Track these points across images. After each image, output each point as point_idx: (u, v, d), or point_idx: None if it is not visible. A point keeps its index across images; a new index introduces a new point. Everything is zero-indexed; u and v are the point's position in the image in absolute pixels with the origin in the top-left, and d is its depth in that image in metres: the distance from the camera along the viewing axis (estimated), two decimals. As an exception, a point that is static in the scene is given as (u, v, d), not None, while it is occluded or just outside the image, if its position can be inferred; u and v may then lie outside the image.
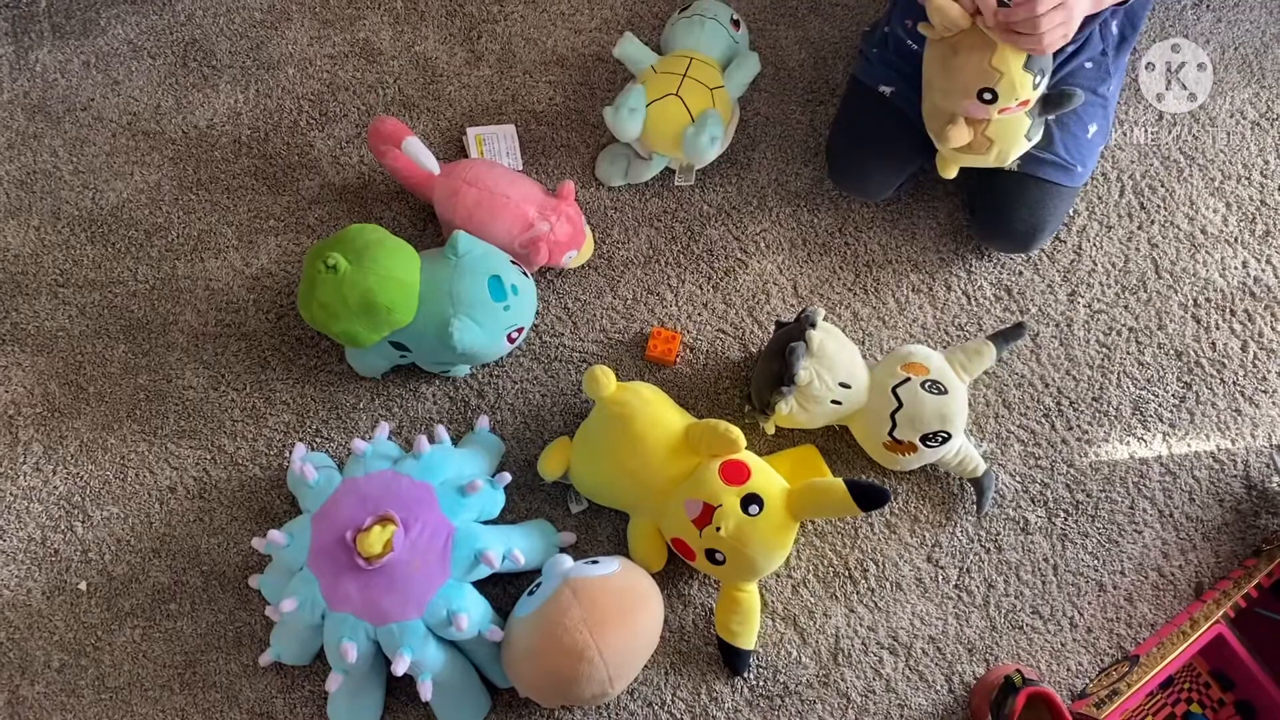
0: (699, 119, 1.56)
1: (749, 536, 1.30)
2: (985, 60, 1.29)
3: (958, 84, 1.33)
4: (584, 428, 1.44)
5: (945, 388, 1.40)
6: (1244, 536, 1.51)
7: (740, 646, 1.39)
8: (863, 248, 1.64)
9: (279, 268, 1.63)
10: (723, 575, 1.37)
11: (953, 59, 1.32)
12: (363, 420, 1.54)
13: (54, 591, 1.48)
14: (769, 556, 1.33)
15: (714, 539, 1.30)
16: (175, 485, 1.52)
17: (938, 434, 1.39)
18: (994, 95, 1.31)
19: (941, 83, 1.37)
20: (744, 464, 1.34)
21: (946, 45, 1.33)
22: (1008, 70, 1.28)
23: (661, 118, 1.56)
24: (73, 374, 1.58)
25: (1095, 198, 1.67)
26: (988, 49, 1.28)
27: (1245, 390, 1.57)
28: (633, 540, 1.43)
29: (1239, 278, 1.63)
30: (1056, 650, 1.46)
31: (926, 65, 1.39)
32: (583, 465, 1.42)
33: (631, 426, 1.36)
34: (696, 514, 1.31)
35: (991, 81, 1.30)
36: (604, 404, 1.39)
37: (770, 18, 1.77)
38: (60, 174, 1.68)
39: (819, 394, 1.39)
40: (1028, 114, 1.37)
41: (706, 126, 1.55)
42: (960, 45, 1.31)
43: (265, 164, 1.68)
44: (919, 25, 1.36)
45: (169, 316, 1.60)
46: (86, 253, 1.64)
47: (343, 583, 1.27)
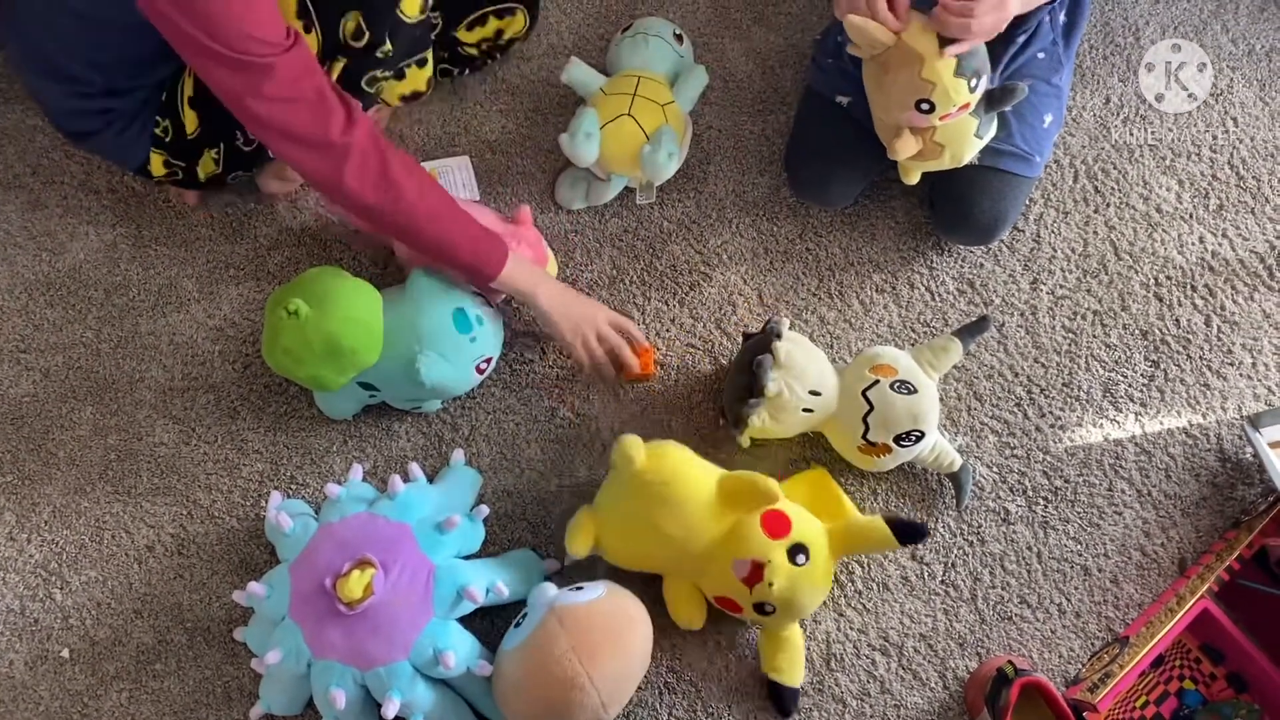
0: (654, 137, 1.56)
1: (800, 586, 1.30)
2: (915, 74, 1.30)
3: (894, 99, 1.35)
4: (610, 498, 1.36)
5: (915, 387, 1.40)
6: (1222, 509, 1.52)
7: (788, 684, 1.39)
8: (824, 252, 1.65)
9: (242, 316, 1.62)
10: (769, 623, 1.37)
11: (884, 77, 1.34)
12: (337, 464, 1.53)
13: (36, 661, 1.46)
14: (816, 599, 1.35)
15: (765, 594, 1.30)
16: (153, 544, 1.51)
17: (911, 433, 1.39)
18: (931, 105, 1.32)
19: (879, 99, 1.38)
20: (784, 514, 1.33)
21: (877, 64, 1.34)
22: (939, 80, 1.30)
23: (617, 139, 1.56)
24: (40, 439, 1.56)
25: (1050, 184, 1.68)
26: (916, 62, 1.29)
27: (1212, 364, 1.59)
28: (674, 603, 1.40)
29: (1197, 253, 1.65)
30: (1047, 638, 1.46)
31: (865, 83, 1.41)
32: (616, 539, 1.36)
33: (671, 495, 1.30)
34: (745, 573, 1.30)
35: (925, 93, 1.31)
36: (637, 476, 1.32)
37: (714, 30, 1.78)
38: (15, 239, 1.67)
39: (789, 404, 1.39)
40: (973, 114, 1.38)
41: (663, 143, 1.56)
42: (890, 62, 1.32)
43: (221, 213, 1.67)
44: (847, 48, 1.37)
45: (135, 374, 1.59)
46: (47, 316, 1.63)
47: (326, 630, 1.26)
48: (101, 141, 1.45)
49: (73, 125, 1.45)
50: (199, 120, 1.43)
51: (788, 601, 1.31)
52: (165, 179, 1.52)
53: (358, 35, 1.30)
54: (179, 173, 1.50)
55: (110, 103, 1.41)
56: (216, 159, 1.49)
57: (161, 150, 1.46)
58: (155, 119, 1.44)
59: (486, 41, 1.63)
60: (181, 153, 1.47)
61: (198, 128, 1.44)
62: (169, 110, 1.44)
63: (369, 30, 1.30)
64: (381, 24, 1.32)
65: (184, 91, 1.42)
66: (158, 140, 1.45)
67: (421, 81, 1.49)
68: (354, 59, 1.35)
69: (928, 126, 1.38)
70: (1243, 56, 1.77)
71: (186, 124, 1.44)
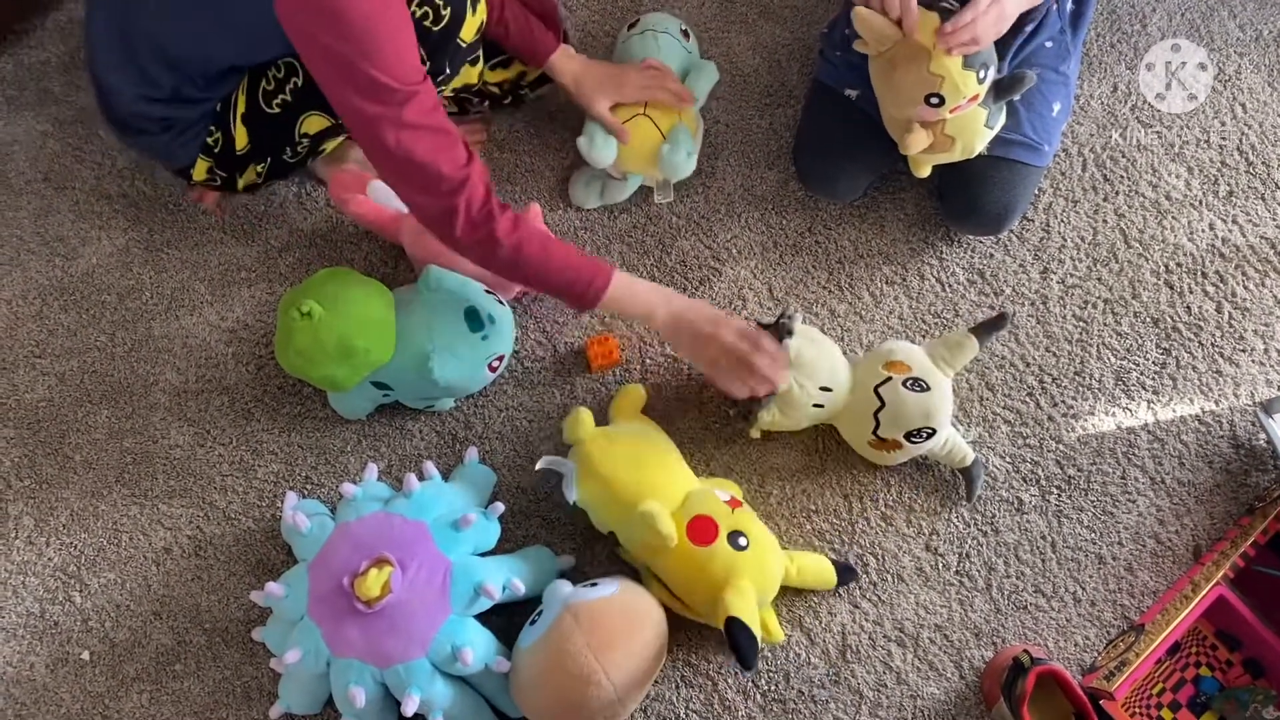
0: (670, 135, 1.57)
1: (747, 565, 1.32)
2: (923, 69, 1.30)
3: (903, 94, 1.35)
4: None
5: (928, 384, 1.40)
6: (1236, 496, 1.52)
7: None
8: (833, 245, 1.65)
9: (255, 318, 1.63)
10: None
11: (893, 73, 1.34)
12: (352, 463, 1.54)
13: (57, 664, 1.47)
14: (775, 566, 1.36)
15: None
16: (170, 546, 1.52)
17: (922, 430, 1.39)
18: (940, 99, 1.32)
19: (888, 95, 1.38)
20: (708, 518, 1.34)
21: (884, 60, 1.34)
22: (948, 73, 1.30)
23: (633, 139, 1.57)
24: (57, 443, 1.57)
25: (1059, 173, 1.68)
26: (924, 58, 1.29)
27: (1224, 351, 1.59)
28: None
29: (1207, 240, 1.64)
30: (1062, 627, 1.46)
31: (873, 80, 1.41)
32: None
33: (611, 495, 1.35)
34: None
35: (934, 87, 1.31)
36: (586, 452, 1.37)
37: (721, 25, 1.78)
38: (28, 245, 1.68)
39: (800, 400, 1.39)
40: (982, 105, 1.38)
41: (680, 142, 1.56)
42: (897, 58, 1.32)
43: (231, 216, 1.68)
44: (854, 44, 1.37)
45: (149, 377, 1.60)
46: (61, 321, 1.64)
47: (344, 628, 1.27)
48: (152, 142, 1.46)
49: (129, 121, 1.45)
50: (249, 136, 1.45)
51: None
52: (203, 184, 1.53)
53: None
54: (218, 180, 1.52)
55: (172, 110, 1.41)
56: (259, 172, 1.51)
57: (209, 158, 1.48)
58: (210, 128, 1.45)
59: (508, 83, 1.64)
60: (227, 164, 1.49)
61: (248, 144, 1.46)
62: (221, 122, 1.44)
63: (429, 59, 1.31)
64: (442, 54, 1.34)
65: (237, 108, 1.43)
66: (207, 149, 1.46)
67: (474, 75, 1.51)
68: None
69: (938, 120, 1.38)
70: (1250, 42, 1.76)
71: (237, 139, 1.45)
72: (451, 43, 1.34)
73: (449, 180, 1.23)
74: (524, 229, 1.30)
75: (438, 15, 1.29)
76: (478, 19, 1.35)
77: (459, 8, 1.31)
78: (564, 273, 1.34)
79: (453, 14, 1.30)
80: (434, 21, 1.29)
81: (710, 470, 1.52)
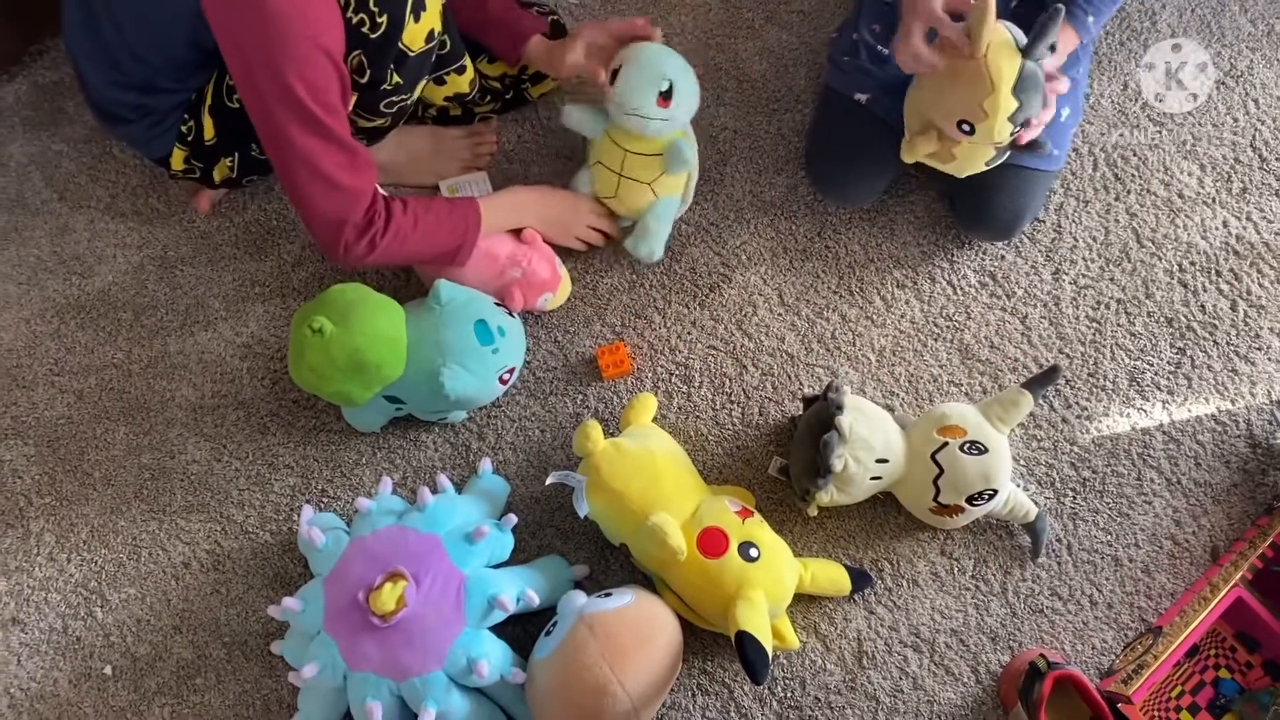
0: (638, 228, 1.58)
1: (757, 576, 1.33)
2: (978, 99, 1.27)
3: (943, 107, 1.32)
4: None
5: (985, 446, 1.37)
6: (1254, 495, 1.51)
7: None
8: (843, 249, 1.65)
9: (269, 333, 1.64)
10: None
11: (950, 83, 1.31)
12: (366, 476, 1.55)
13: (80, 679, 1.49)
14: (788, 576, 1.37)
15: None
16: (189, 560, 1.53)
17: (984, 493, 1.38)
18: (971, 130, 1.31)
19: (931, 97, 1.35)
20: (718, 529, 1.34)
21: (949, 68, 1.30)
22: (995, 115, 1.27)
23: (619, 202, 1.59)
24: (77, 460, 1.59)
25: (1070, 174, 1.67)
26: (984, 91, 1.27)
27: (1239, 349, 1.57)
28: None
29: (1221, 238, 1.63)
30: (1079, 630, 1.46)
31: (924, 75, 1.36)
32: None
33: (621, 508, 1.36)
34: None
35: (976, 119, 1.29)
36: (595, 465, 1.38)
37: (727, 31, 1.78)
38: (45, 264, 1.70)
39: (857, 476, 1.37)
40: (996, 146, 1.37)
41: (642, 239, 1.58)
42: (961, 74, 1.29)
43: (244, 232, 1.70)
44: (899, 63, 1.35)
45: (166, 393, 1.62)
46: (78, 339, 1.66)
47: (360, 642, 1.28)
48: (130, 130, 1.49)
49: (108, 110, 1.48)
50: (215, 129, 1.47)
51: None
52: (184, 175, 1.55)
53: (360, 71, 1.32)
54: (197, 171, 1.54)
55: (145, 99, 1.44)
56: (231, 166, 1.53)
57: (184, 146, 1.50)
58: (184, 116, 1.47)
59: (508, 76, 1.64)
60: (200, 155, 1.51)
61: (214, 136, 1.48)
62: (194, 112, 1.47)
63: (370, 67, 1.32)
64: (383, 61, 1.34)
65: (206, 99, 1.45)
66: (182, 137, 1.49)
67: (464, 84, 1.54)
68: (362, 92, 1.37)
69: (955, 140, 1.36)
70: (1262, 37, 1.74)
71: (205, 130, 1.47)
72: (393, 49, 1.33)
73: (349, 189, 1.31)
74: (415, 219, 1.39)
75: (374, 23, 1.28)
76: (423, 26, 1.34)
77: (397, 14, 1.29)
78: (447, 224, 1.44)
79: (390, 20, 1.29)
80: (370, 29, 1.29)
81: (722, 478, 1.53)
